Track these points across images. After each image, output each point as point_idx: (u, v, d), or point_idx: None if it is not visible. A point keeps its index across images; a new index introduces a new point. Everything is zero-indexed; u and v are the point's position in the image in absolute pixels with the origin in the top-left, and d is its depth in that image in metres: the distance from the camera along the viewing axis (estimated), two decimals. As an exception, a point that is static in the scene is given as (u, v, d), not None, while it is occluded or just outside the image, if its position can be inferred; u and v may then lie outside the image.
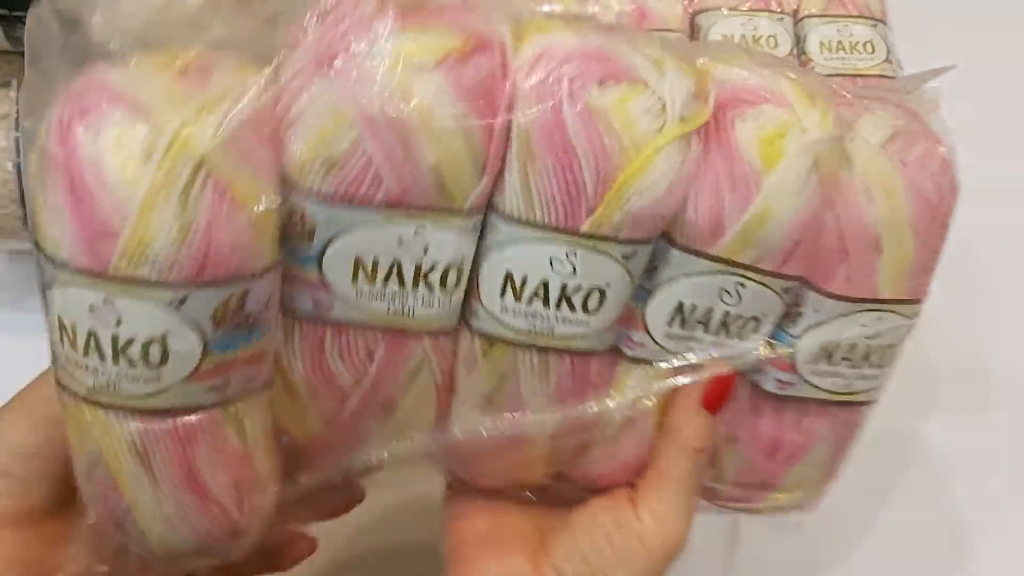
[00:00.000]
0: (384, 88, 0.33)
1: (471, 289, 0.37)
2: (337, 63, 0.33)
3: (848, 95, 0.40)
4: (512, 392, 0.38)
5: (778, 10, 0.68)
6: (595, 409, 0.39)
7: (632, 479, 0.42)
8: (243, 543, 0.38)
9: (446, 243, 0.35)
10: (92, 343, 0.33)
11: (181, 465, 0.34)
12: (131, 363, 0.33)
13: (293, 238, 0.34)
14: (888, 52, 0.67)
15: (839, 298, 0.39)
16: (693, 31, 0.68)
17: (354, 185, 0.33)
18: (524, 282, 0.36)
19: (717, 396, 0.41)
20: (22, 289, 0.63)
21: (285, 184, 0.33)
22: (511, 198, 0.35)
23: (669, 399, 0.41)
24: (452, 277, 0.36)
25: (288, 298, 0.36)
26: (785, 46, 0.66)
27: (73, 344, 0.33)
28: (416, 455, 0.40)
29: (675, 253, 0.37)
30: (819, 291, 0.39)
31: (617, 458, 0.41)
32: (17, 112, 0.56)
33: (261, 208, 0.32)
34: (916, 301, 0.41)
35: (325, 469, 0.40)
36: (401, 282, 0.35)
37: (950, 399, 0.64)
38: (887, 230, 0.38)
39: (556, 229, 0.35)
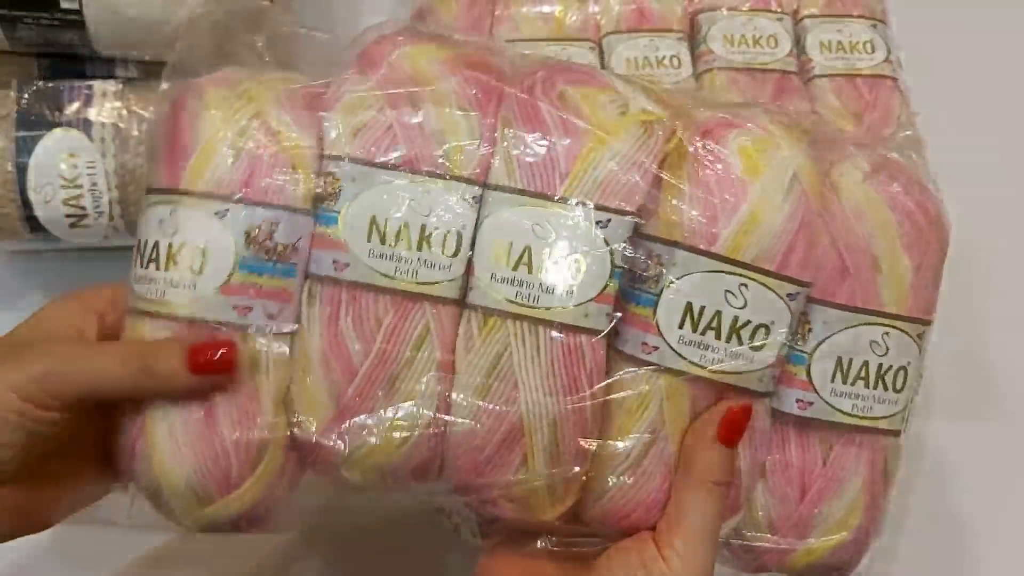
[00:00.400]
0: (404, 74, 0.42)
1: (470, 265, 0.41)
2: (372, 64, 0.42)
3: (829, 135, 0.45)
4: (507, 373, 0.40)
5: (778, 10, 0.68)
6: (591, 388, 0.40)
7: (654, 521, 0.42)
8: (238, 499, 0.40)
9: (448, 207, 0.41)
10: (153, 252, 0.41)
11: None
12: (177, 269, 0.40)
13: (325, 199, 0.41)
14: (888, 52, 0.67)
15: (844, 308, 0.43)
16: (693, 31, 0.68)
17: (375, 147, 0.41)
18: (510, 249, 0.40)
19: (733, 429, 0.41)
20: (22, 289, 0.63)
21: (322, 150, 0.42)
22: (498, 169, 0.41)
23: (687, 434, 0.41)
24: (452, 242, 0.41)
25: (314, 261, 0.41)
26: (785, 46, 0.66)
27: (141, 259, 0.41)
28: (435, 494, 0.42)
29: (679, 253, 0.40)
30: (826, 303, 0.43)
31: (636, 499, 0.42)
32: (17, 112, 0.56)
33: (300, 152, 0.41)
34: (922, 321, 0.44)
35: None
36: (408, 243, 0.40)
37: (950, 401, 0.64)
38: (882, 251, 0.43)
39: (535, 195, 0.40)
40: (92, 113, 0.56)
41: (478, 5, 0.67)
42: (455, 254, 0.41)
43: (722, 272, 0.40)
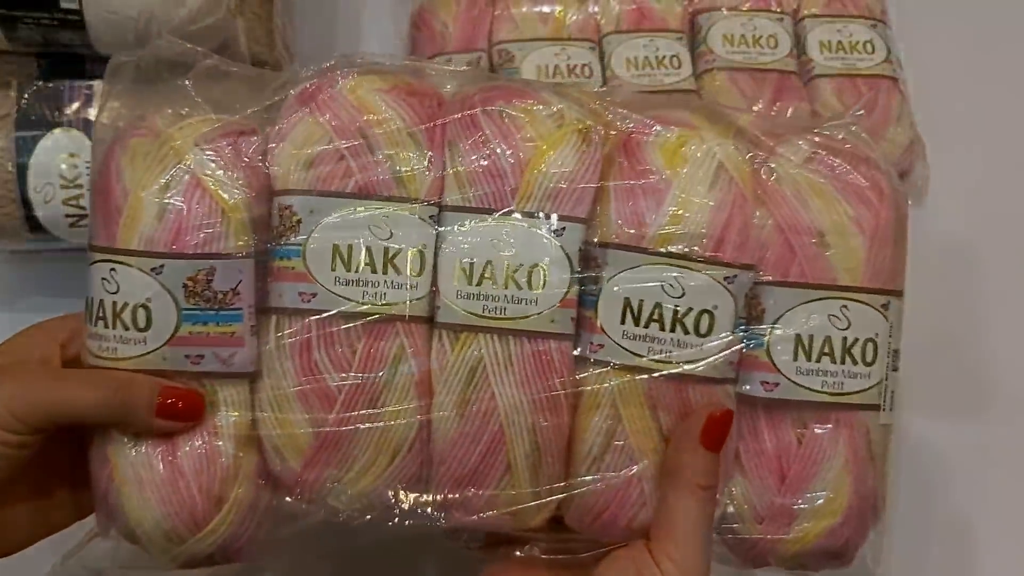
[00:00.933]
0: (348, 105, 0.43)
1: (435, 283, 0.42)
2: (314, 98, 0.43)
3: (767, 127, 0.46)
4: (483, 386, 0.41)
5: (778, 10, 0.68)
6: (564, 391, 0.42)
7: (629, 518, 0.43)
8: (207, 537, 0.42)
9: (408, 228, 0.42)
10: (99, 311, 0.42)
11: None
12: (124, 326, 0.41)
13: (283, 233, 0.42)
14: (888, 52, 0.67)
15: (795, 285, 0.43)
16: (693, 31, 0.68)
17: (329, 178, 0.42)
18: (472, 265, 0.42)
19: (715, 433, 0.41)
20: (22, 289, 0.63)
21: (274, 187, 0.43)
22: (450, 188, 0.43)
23: (671, 440, 0.42)
24: (416, 262, 0.42)
25: (277, 294, 0.42)
26: (785, 46, 0.66)
27: (90, 316, 0.42)
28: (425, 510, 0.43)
29: (611, 252, 0.42)
30: (775, 283, 0.43)
31: (606, 496, 0.42)
32: (17, 112, 0.56)
33: (229, 200, 0.42)
34: (884, 291, 0.44)
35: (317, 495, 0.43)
36: (372, 267, 0.42)
37: (949, 399, 0.64)
38: (828, 227, 0.44)
39: (489, 210, 0.42)
40: (92, 113, 0.56)
41: (477, 5, 0.67)
42: (419, 273, 0.42)
43: (655, 265, 0.42)
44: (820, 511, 0.43)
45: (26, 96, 0.57)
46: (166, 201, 0.41)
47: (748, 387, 0.44)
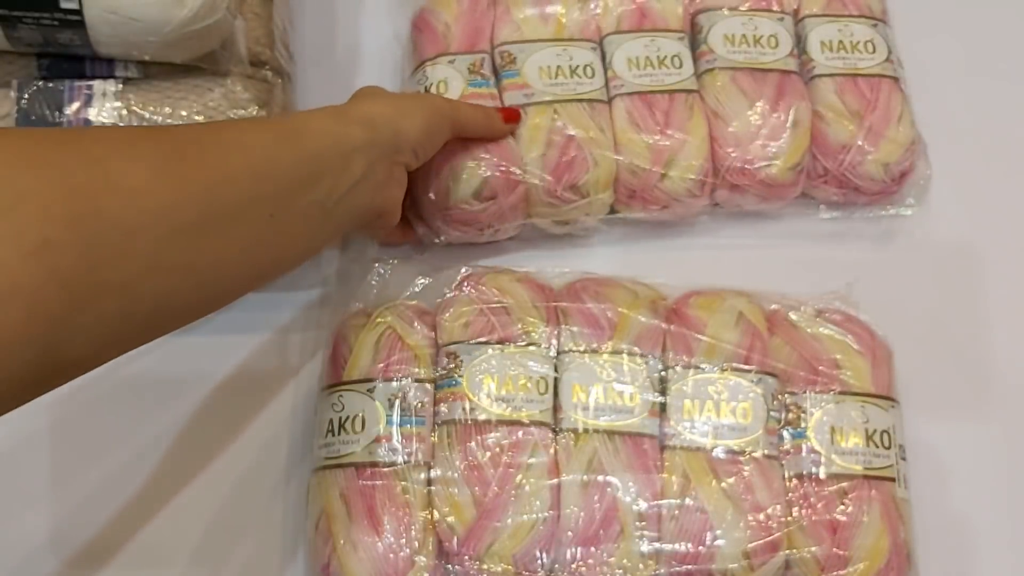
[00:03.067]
0: (491, 289, 0.60)
1: (557, 401, 0.57)
2: (467, 285, 0.60)
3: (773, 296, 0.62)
4: (598, 470, 0.55)
5: (778, 10, 0.68)
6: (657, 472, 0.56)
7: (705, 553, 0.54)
8: None
9: (536, 363, 0.58)
10: (330, 426, 0.57)
11: (367, 505, 0.55)
12: (345, 431, 0.56)
13: (450, 371, 0.57)
14: (889, 52, 0.67)
15: (824, 391, 0.58)
16: (694, 31, 0.68)
17: (480, 333, 0.58)
18: (585, 387, 0.57)
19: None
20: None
21: (442, 343, 0.59)
22: (564, 338, 0.59)
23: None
24: (542, 385, 0.57)
25: (448, 410, 0.57)
26: (786, 45, 0.66)
27: (321, 434, 0.57)
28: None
29: (677, 371, 0.58)
30: (806, 392, 0.58)
31: (688, 533, 0.55)
32: (17, 112, 0.56)
33: (418, 346, 0.58)
34: (888, 398, 0.58)
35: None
36: (513, 388, 0.57)
37: (950, 399, 0.64)
38: (841, 358, 0.58)
39: (593, 351, 0.58)
40: (92, 113, 0.57)
41: (480, 7, 0.67)
42: (544, 393, 0.57)
43: (703, 377, 0.58)
44: (870, 555, 0.54)
45: (26, 96, 0.57)
46: (378, 347, 0.58)
47: (802, 467, 0.56)
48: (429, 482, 0.55)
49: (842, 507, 0.54)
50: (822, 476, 0.55)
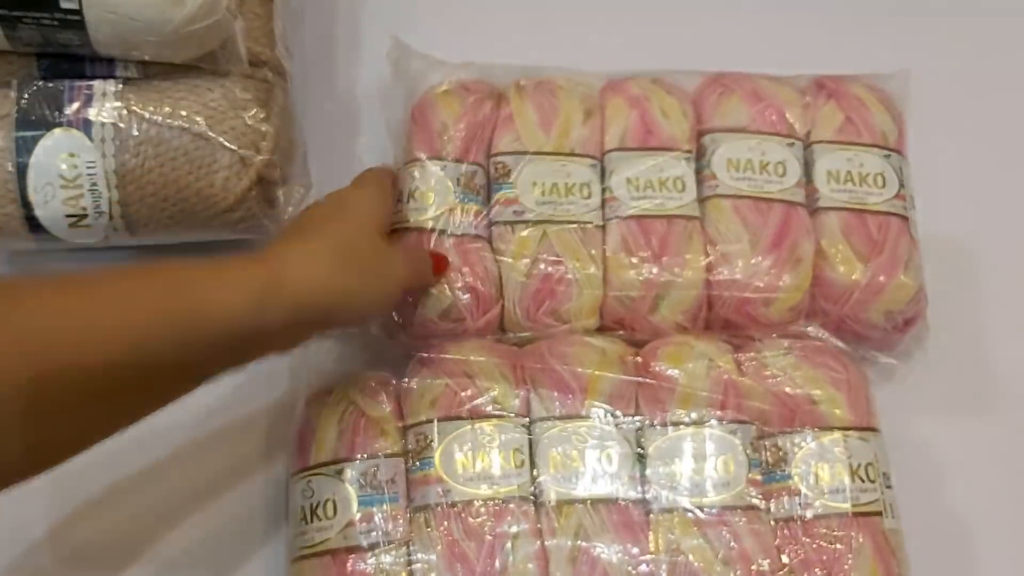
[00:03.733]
0: (458, 360, 0.59)
1: (535, 472, 0.56)
2: (430, 363, 0.59)
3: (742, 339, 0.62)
4: (585, 538, 0.54)
5: (787, 134, 0.64)
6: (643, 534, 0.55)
7: None
8: None
9: (507, 435, 0.56)
10: (302, 513, 0.56)
11: None
12: (317, 518, 0.55)
13: (421, 452, 0.56)
14: (900, 186, 0.63)
15: (801, 430, 0.57)
16: (700, 152, 0.64)
17: (448, 408, 0.57)
18: (561, 455, 0.56)
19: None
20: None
21: (409, 423, 0.58)
22: (535, 405, 0.58)
23: None
24: (517, 458, 0.56)
25: (423, 496, 0.56)
26: (793, 175, 0.63)
27: (295, 523, 0.56)
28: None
29: (649, 430, 0.58)
30: (785, 432, 0.57)
31: None
32: (17, 112, 0.56)
33: (383, 418, 0.57)
34: (868, 428, 0.58)
35: None
36: (487, 465, 0.56)
37: (950, 399, 0.64)
38: (817, 392, 0.58)
39: (567, 417, 0.57)
40: (92, 113, 0.57)
41: (483, 110, 0.64)
42: (521, 466, 0.56)
43: (679, 433, 0.57)
44: None
45: (26, 96, 0.57)
46: (343, 427, 0.57)
47: (791, 510, 0.56)
48: (409, 562, 0.54)
49: (832, 547, 0.54)
50: (809, 518, 0.55)
